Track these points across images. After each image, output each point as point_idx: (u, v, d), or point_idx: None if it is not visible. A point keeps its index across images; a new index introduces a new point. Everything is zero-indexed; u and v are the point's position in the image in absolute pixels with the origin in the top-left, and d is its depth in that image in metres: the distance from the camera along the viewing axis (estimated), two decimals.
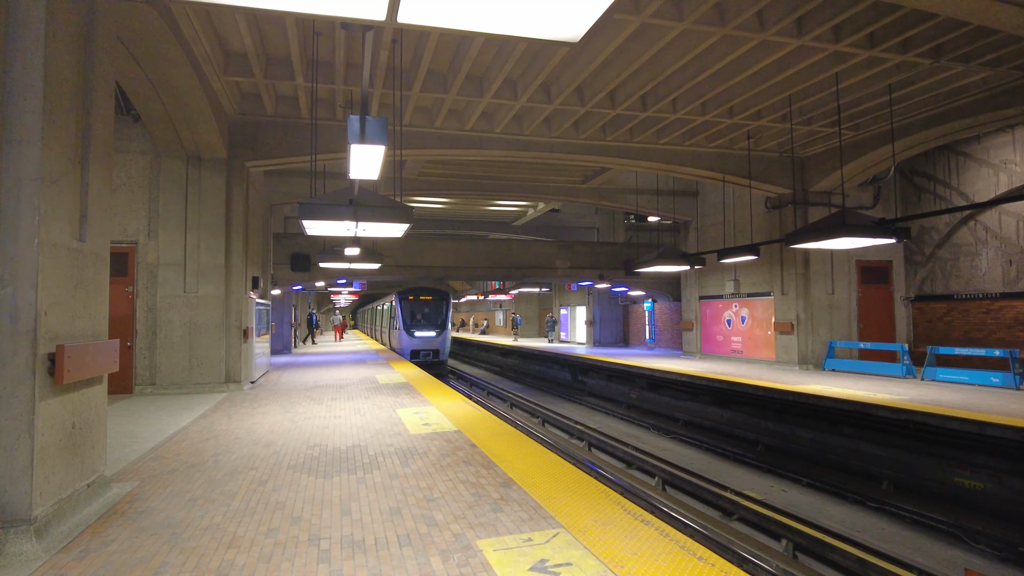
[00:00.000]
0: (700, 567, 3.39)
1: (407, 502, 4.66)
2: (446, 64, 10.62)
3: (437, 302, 27.11)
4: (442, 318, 26.74)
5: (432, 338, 26.11)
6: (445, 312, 26.95)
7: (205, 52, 9.20)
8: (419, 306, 26.78)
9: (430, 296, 27.00)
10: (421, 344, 25.87)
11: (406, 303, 26.67)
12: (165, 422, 8.20)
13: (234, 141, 11.85)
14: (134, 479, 5.40)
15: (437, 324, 26.50)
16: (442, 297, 27.37)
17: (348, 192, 8.24)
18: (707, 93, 11.24)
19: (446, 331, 26.60)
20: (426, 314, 26.67)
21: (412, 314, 26.53)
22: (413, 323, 26.22)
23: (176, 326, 11.15)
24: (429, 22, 2.72)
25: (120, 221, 10.96)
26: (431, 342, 26.05)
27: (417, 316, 26.41)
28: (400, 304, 26.63)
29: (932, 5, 7.20)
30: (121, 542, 3.92)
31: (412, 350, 25.37)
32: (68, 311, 4.35)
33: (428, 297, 26.98)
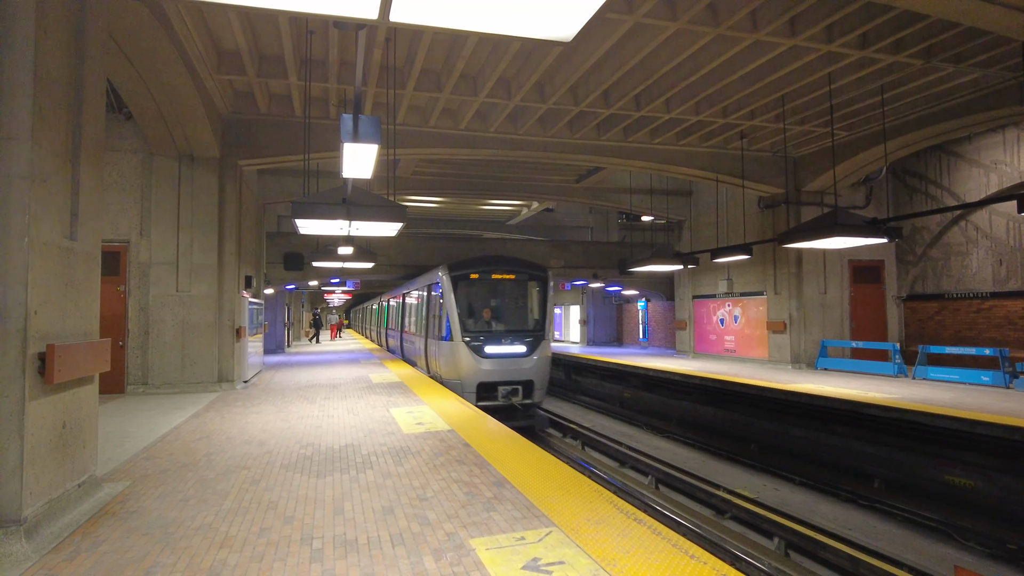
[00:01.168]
0: (693, 565, 3.40)
1: (400, 501, 4.66)
2: (440, 63, 10.61)
3: (524, 286, 14.94)
4: (536, 318, 14.67)
5: (519, 357, 13.85)
6: (541, 306, 14.70)
7: (198, 50, 9.16)
8: (490, 293, 14.72)
9: (511, 275, 14.67)
10: (498, 370, 13.69)
11: (464, 288, 14.36)
12: (157, 422, 8.17)
13: (227, 140, 11.80)
14: (126, 479, 5.37)
15: (528, 330, 14.36)
16: (534, 277, 14.93)
17: (341, 191, 8.22)
18: (700, 93, 11.27)
19: (544, 344, 14.20)
20: (505, 309, 14.69)
21: (475, 310, 14.43)
22: (480, 329, 14.05)
23: (168, 325, 11.10)
24: (421, 21, 2.72)
25: (112, 220, 10.89)
26: (518, 366, 13.80)
27: (486, 314, 14.32)
28: (450, 290, 14.14)
29: (923, 6, 7.24)
30: (112, 542, 3.90)
31: (482, 382, 13.52)
32: (59, 310, 4.33)
33: (507, 276, 14.68)
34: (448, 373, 13.93)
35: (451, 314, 13.80)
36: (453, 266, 14.49)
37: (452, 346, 13.68)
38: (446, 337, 13.88)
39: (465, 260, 15.03)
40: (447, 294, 14.03)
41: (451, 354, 13.69)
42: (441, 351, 14.27)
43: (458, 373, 13.51)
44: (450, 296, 13.92)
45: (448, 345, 13.84)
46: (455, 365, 13.58)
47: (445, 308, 14.05)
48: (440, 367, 14.51)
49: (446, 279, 14.19)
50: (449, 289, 14.04)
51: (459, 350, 13.48)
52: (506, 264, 14.83)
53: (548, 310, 14.52)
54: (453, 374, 13.68)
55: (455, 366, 13.59)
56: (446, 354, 13.96)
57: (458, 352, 13.50)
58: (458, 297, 13.97)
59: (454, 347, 13.61)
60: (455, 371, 13.59)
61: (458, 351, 13.49)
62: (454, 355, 13.59)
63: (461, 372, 13.45)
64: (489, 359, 13.51)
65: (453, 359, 13.63)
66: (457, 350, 13.52)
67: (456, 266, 14.51)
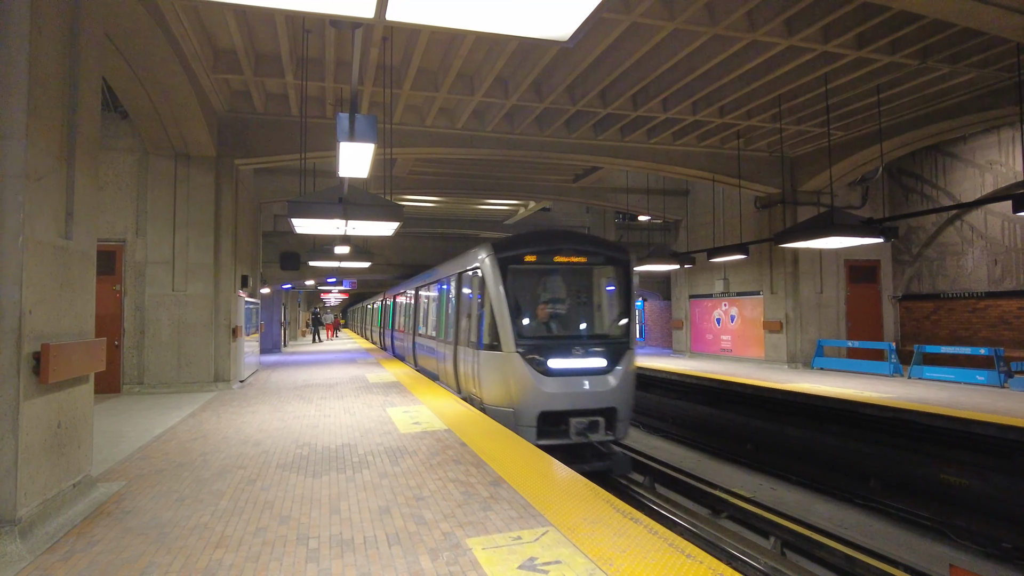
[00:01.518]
0: (689, 564, 3.41)
1: (396, 501, 4.65)
2: (437, 62, 10.60)
3: (599, 274, 10.77)
4: (618, 318, 10.47)
5: (598, 374, 9.70)
6: (624, 301, 10.54)
7: (194, 49, 9.14)
8: (552, 283, 10.70)
9: (581, 257, 10.46)
10: (569, 394, 9.49)
11: (516, 276, 10.14)
12: (153, 421, 8.15)
13: (223, 139, 11.77)
14: (121, 479, 5.36)
15: (607, 337, 10.28)
16: (612, 260, 10.66)
17: (338, 190, 8.21)
18: (697, 93, 11.28)
19: (629, 355, 10.07)
20: (575, 306, 10.76)
21: (530, 307, 10.23)
22: (540, 335, 9.98)
23: (164, 325, 11.07)
24: (418, 20, 2.71)
25: (107, 219, 10.87)
26: (596, 387, 9.62)
27: (543, 313, 10.25)
28: (496, 279, 9.93)
29: (919, 7, 7.26)
30: (107, 542, 3.89)
31: (546, 411, 9.35)
32: (53, 309, 4.31)
33: (576, 259, 10.44)
34: (494, 396, 9.58)
35: (498, 313, 9.48)
36: (499, 245, 10.08)
37: (500, 359, 9.43)
38: (490, 346, 9.71)
39: (514, 238, 10.62)
40: (491, 284, 9.68)
41: (498, 370, 9.47)
42: (482, 365, 9.90)
43: (509, 397, 9.23)
44: (496, 287, 9.59)
45: (493, 357, 9.60)
46: (505, 386, 9.32)
47: (488, 304, 9.77)
48: (479, 387, 10.02)
49: (490, 263, 9.76)
50: (495, 277, 9.63)
51: (511, 365, 9.23)
52: (574, 242, 10.28)
53: (632, 308, 10.22)
54: (501, 397, 9.41)
55: (504, 387, 9.33)
56: (491, 369, 9.66)
57: (510, 367, 9.23)
58: (508, 289, 9.58)
59: (504, 361, 9.34)
60: (504, 394, 9.34)
61: (510, 366, 9.24)
62: (503, 371, 9.33)
63: (515, 396, 9.16)
64: (556, 378, 9.22)
65: (502, 377, 9.37)
66: (508, 365, 9.26)
67: (504, 245, 10.10)
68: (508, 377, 9.30)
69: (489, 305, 9.79)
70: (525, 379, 9.17)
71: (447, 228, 27.73)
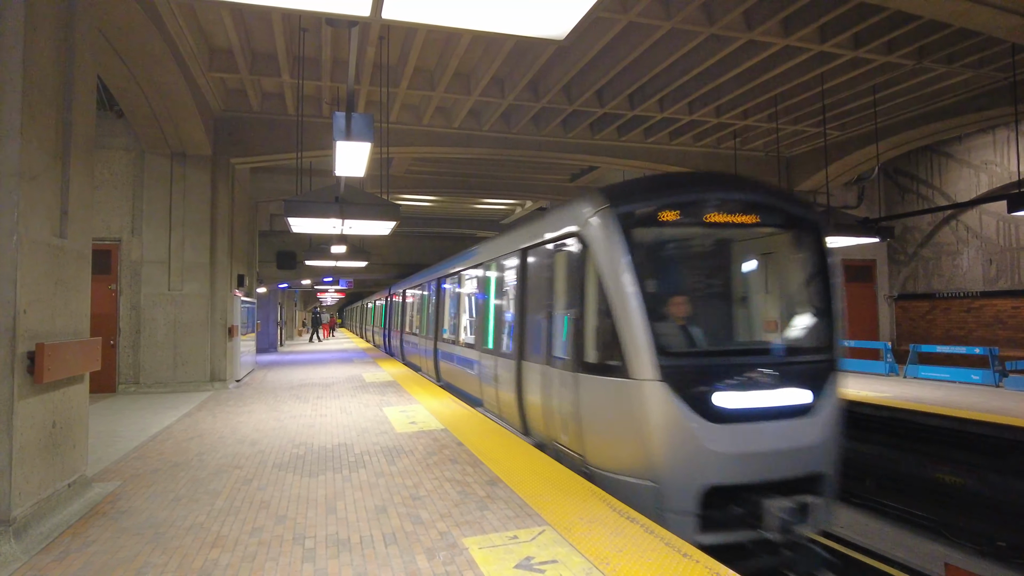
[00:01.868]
0: (684, 563, 3.41)
1: (393, 500, 4.65)
2: (433, 61, 10.58)
3: (779, 243, 6.28)
4: (816, 315, 5.89)
5: (798, 415, 5.31)
6: (822, 287, 5.92)
7: (189, 47, 9.11)
8: (703, 258, 6.61)
9: (749, 215, 5.75)
10: (753, 455, 5.11)
11: (647, 245, 5.81)
12: (149, 421, 8.13)
13: (219, 137, 11.74)
14: (116, 479, 5.34)
15: (806, 349, 5.76)
16: (796, 221, 5.98)
17: (334, 189, 8.20)
18: (693, 92, 11.28)
19: (834, 378, 5.54)
20: (737, 298, 6.59)
21: (664, 301, 5.67)
22: (691, 350, 5.56)
23: (160, 324, 11.04)
24: (414, 18, 2.71)
25: (103, 218, 10.83)
26: (794, 440, 5.23)
27: (681, 309, 5.72)
28: (616, 251, 5.37)
29: (915, 7, 7.28)
30: (102, 542, 3.87)
31: (719, 485, 5.00)
32: (48, 309, 4.30)
33: (742, 218, 5.71)
34: (610, 455, 5.58)
35: (620, 310, 5.36)
36: (616, 192, 5.93)
37: (624, 391, 5.37)
38: (602, 367, 5.61)
39: (634, 184, 6.45)
40: (606, 261, 5.57)
41: (621, 409, 5.44)
42: (585, 399, 5.82)
43: (644, 458, 5.24)
44: (616, 266, 5.45)
45: (610, 388, 5.53)
46: (634, 438, 5.32)
47: (596, 296, 5.69)
48: (578, 435, 5.92)
49: (604, 226, 5.64)
50: (615, 249, 5.49)
51: (648, 401, 5.20)
52: (738, 189, 5.99)
53: (835, 300, 5.98)
54: (625, 459, 5.43)
55: (634, 441, 5.32)
56: (604, 408, 5.63)
57: (646, 405, 5.21)
58: (638, 269, 5.41)
59: (632, 394, 5.28)
60: (633, 452, 5.33)
61: (645, 403, 5.21)
62: (631, 412, 5.31)
63: (658, 457, 5.17)
64: (732, 425, 5.24)
65: (628, 422, 5.37)
66: (642, 400, 5.22)
67: (624, 193, 5.94)
68: (641, 423, 5.16)
69: (599, 297, 5.56)
70: (676, 427, 5.05)
71: (444, 227, 27.71)
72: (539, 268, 7.15)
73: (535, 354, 6.94)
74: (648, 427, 5.12)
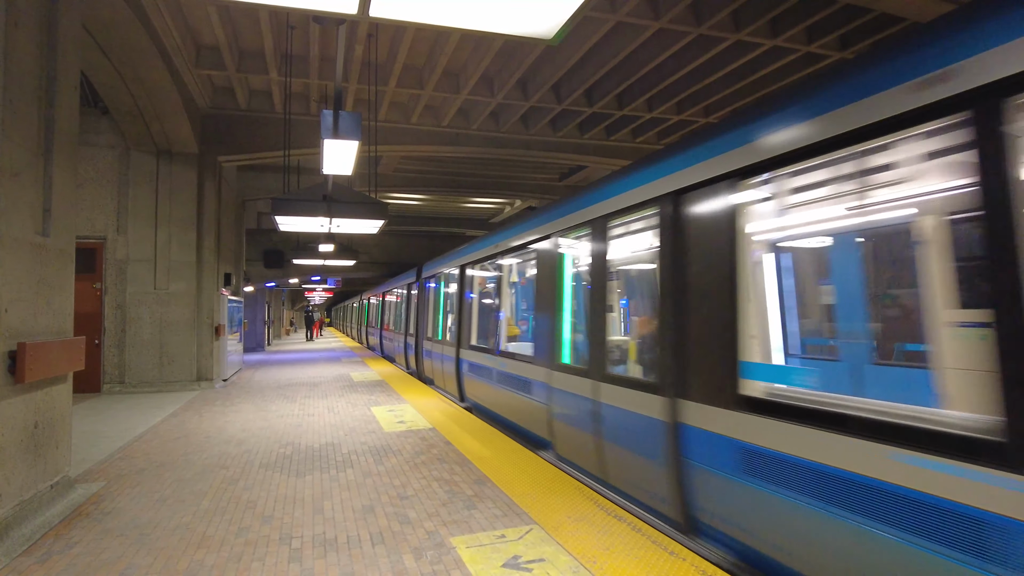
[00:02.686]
0: (672, 561, 3.42)
1: (380, 500, 4.63)
2: (422, 60, 10.56)
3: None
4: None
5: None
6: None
7: (176, 44, 9.04)
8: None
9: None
10: None
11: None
12: (134, 421, 8.05)
13: (206, 135, 11.65)
14: (100, 479, 5.29)
15: None
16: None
17: (322, 188, 8.17)
18: (682, 92, 11.33)
19: None
20: None
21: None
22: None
23: (146, 323, 10.94)
24: (401, 16, 2.70)
25: (87, 216, 10.71)
26: None
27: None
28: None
29: (901, 9, 7.35)
30: (86, 544, 3.83)
31: None
32: (30, 308, 4.24)
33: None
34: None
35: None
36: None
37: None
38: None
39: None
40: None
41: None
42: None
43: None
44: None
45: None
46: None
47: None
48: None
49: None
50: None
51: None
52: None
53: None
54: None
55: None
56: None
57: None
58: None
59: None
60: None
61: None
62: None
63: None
64: None
65: None
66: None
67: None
68: None
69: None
70: None
71: (433, 226, 27.65)
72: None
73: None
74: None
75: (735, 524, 3.42)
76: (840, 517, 2.73)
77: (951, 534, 2.30)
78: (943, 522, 2.33)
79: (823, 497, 2.82)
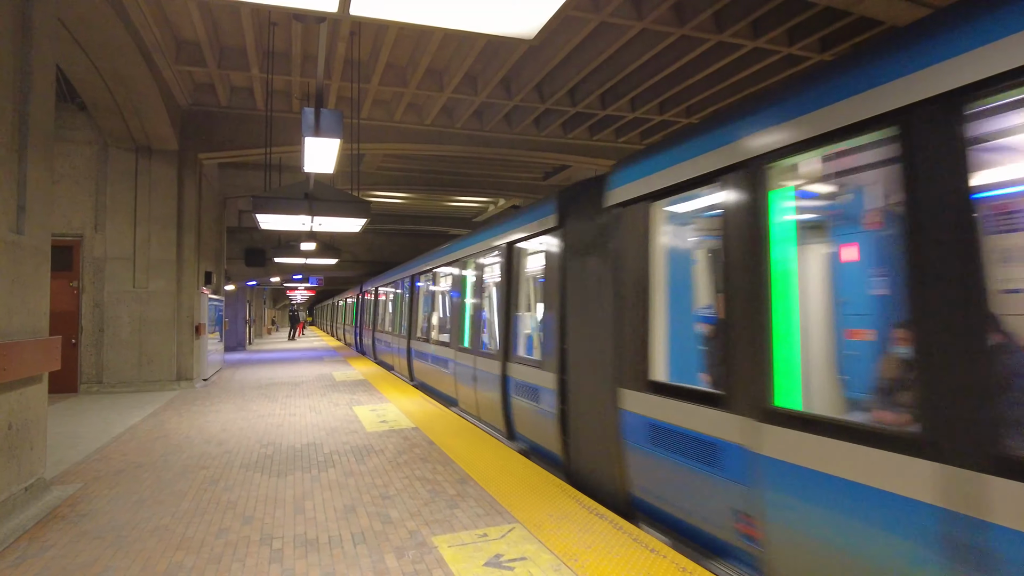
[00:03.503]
0: (653, 559, 3.45)
1: (362, 500, 4.62)
2: (405, 58, 10.51)
3: None
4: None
5: None
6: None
7: (155, 40, 8.92)
8: None
9: None
10: None
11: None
12: (112, 421, 7.94)
13: (186, 132, 11.51)
14: (77, 481, 5.21)
15: None
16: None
17: (303, 186, 8.11)
18: (665, 92, 11.39)
19: None
20: None
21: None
22: None
23: (125, 322, 10.80)
24: (382, 15, 2.69)
25: (64, 213, 10.55)
26: None
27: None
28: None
29: (880, 12, 7.45)
30: (61, 547, 3.78)
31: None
32: (4, 307, 4.17)
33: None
34: None
35: None
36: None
37: None
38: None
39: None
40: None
41: None
42: None
43: None
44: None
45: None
46: None
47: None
48: None
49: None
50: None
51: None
52: None
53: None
54: None
55: None
56: None
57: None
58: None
59: None
60: None
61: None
62: None
63: None
64: None
65: None
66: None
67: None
68: None
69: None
70: None
71: (416, 225, 27.52)
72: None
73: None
74: None
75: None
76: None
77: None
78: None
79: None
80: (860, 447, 2.59)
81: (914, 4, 7.16)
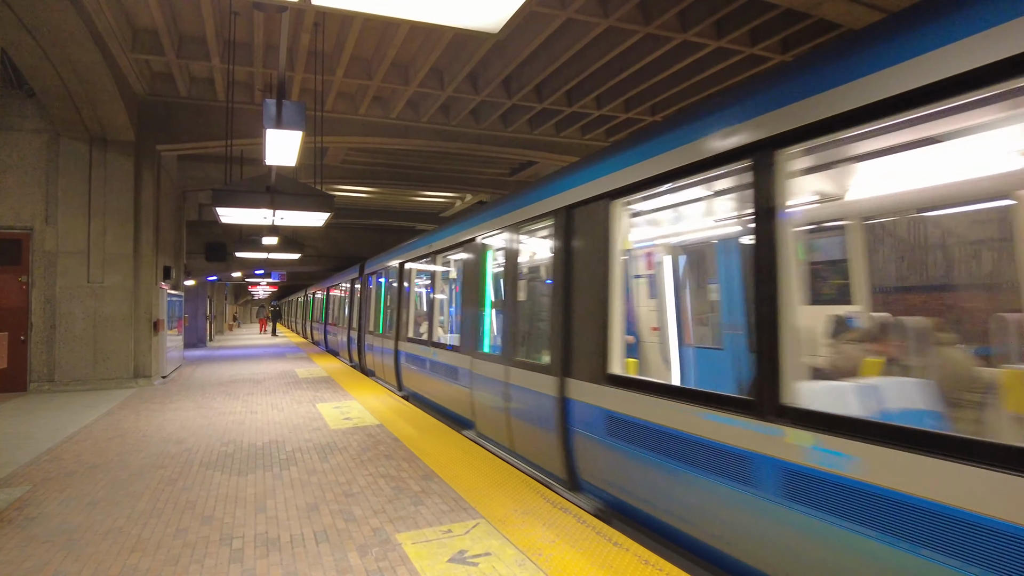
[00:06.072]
0: (615, 551, 3.48)
1: (325, 498, 4.56)
2: (371, 50, 10.39)
3: None
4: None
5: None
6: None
7: (109, 25, 8.63)
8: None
9: None
10: None
11: None
12: (64, 421, 7.69)
13: (144, 123, 11.18)
14: (25, 483, 5.03)
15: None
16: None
17: (265, 179, 7.96)
18: (630, 91, 11.49)
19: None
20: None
21: None
22: None
23: (78, 318, 10.46)
24: (345, 5, 2.65)
25: (12, 205, 10.16)
26: None
27: None
28: None
29: (838, 16, 7.62)
30: (7, 552, 3.64)
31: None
32: None
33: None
34: None
35: None
36: None
37: None
38: None
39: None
40: None
41: None
42: None
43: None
44: None
45: None
46: None
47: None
48: None
49: None
50: None
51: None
52: None
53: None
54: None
55: None
56: None
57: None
58: None
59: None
60: None
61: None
62: None
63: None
64: None
65: None
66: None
67: None
68: None
69: None
70: None
71: (382, 220, 27.23)
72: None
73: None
74: None
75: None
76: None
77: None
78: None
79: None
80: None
81: (871, 8, 7.35)
